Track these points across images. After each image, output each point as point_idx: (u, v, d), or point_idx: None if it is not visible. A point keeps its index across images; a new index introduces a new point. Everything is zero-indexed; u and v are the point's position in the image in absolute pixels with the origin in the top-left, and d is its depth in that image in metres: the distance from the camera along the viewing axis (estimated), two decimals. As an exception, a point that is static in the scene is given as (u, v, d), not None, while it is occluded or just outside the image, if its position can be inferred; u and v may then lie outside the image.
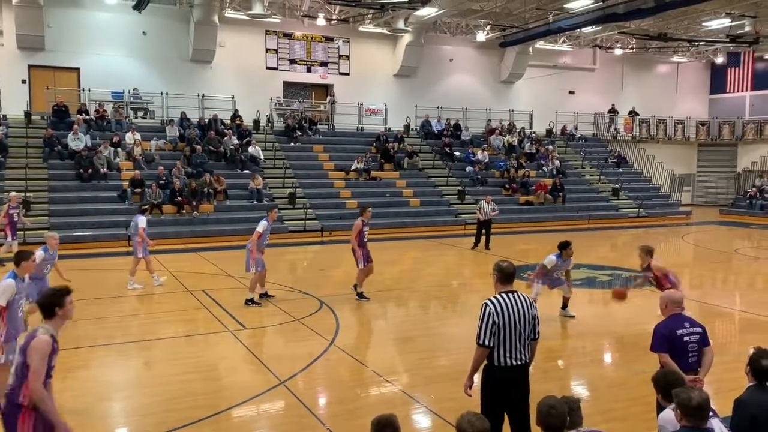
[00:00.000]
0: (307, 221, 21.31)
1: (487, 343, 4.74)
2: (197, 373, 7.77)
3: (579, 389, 7.50)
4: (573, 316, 10.48)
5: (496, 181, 26.71)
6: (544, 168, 28.10)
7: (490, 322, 4.73)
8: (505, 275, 4.92)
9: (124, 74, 24.54)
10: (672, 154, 34.27)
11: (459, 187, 25.28)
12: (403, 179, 25.21)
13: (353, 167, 24.55)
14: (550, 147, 29.52)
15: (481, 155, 27.38)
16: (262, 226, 11.15)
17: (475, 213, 19.12)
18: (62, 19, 23.82)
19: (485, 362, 4.86)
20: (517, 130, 30.30)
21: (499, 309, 4.75)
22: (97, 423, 6.36)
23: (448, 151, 27.44)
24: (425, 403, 6.82)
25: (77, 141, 21.24)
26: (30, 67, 23.82)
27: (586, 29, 28.56)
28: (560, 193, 26.24)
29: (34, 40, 23.28)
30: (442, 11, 25.87)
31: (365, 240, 11.65)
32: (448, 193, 25.15)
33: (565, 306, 10.70)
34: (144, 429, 6.20)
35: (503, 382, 4.82)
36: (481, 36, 29.15)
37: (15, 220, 15.24)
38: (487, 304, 4.79)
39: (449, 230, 22.46)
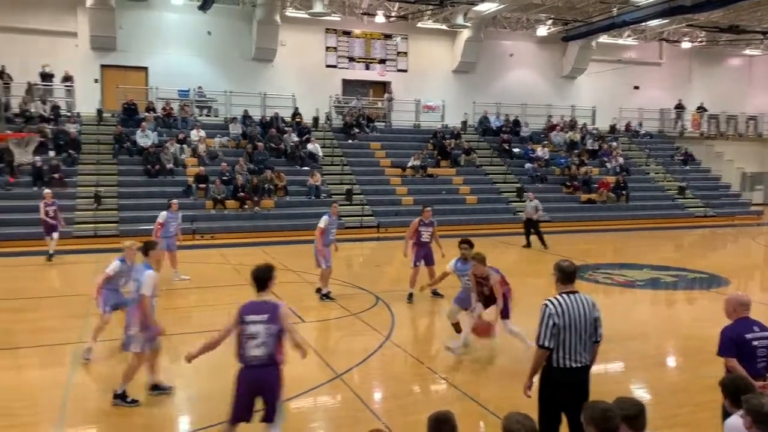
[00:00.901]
0: (363, 217, 21.48)
1: (547, 344, 4.68)
2: (257, 365, 7.95)
3: (641, 393, 7.30)
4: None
5: (557, 179, 26.20)
6: (606, 165, 27.41)
7: (551, 323, 4.66)
8: (566, 275, 4.83)
9: (189, 73, 25.33)
10: (743, 151, 32.74)
11: (517, 185, 24.93)
12: (459, 176, 25.07)
13: (410, 164, 24.57)
14: (614, 144, 28.77)
15: (541, 152, 26.93)
16: (323, 221, 11.28)
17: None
18: (133, 20, 24.76)
19: (544, 363, 4.79)
20: (579, 127, 29.66)
21: (559, 310, 4.68)
22: (164, 409, 6.62)
23: (507, 147, 27.10)
24: (481, 401, 6.79)
25: (145, 138, 22.07)
26: (102, 66, 24.89)
27: (652, 22, 27.63)
28: (623, 192, 25.54)
29: (107, 41, 24.30)
30: (503, 6, 25.55)
31: (423, 240, 11.43)
32: (507, 191, 24.85)
33: (458, 331, 8.72)
34: (205, 416, 6.38)
35: (562, 384, 4.73)
36: (542, 30, 28.66)
37: (51, 216, 15.12)
38: (547, 305, 4.72)
39: (507, 228, 22.16)
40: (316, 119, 26.15)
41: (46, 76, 23.16)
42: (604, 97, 30.94)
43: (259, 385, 5.05)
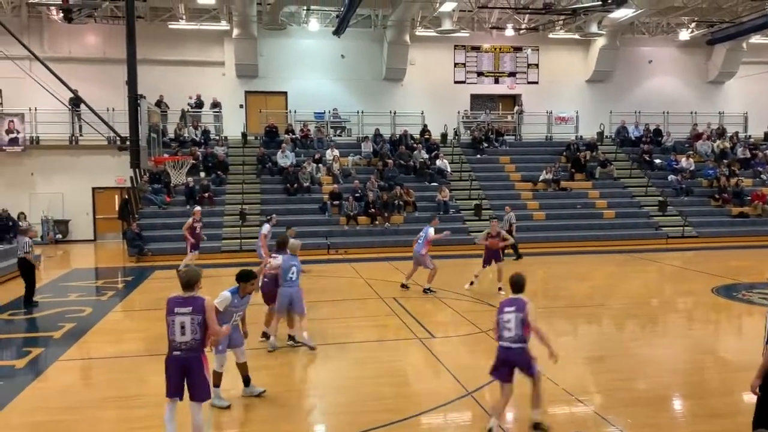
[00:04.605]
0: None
1: None
2: (387, 378, 8.10)
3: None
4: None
5: (704, 191, 24.41)
6: (762, 176, 25.15)
7: None
8: None
9: (324, 95, 26.55)
10: None
11: (660, 198, 23.50)
12: (595, 189, 24.08)
13: (541, 178, 23.99)
14: (769, 152, 26.36)
15: (685, 163, 25.25)
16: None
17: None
18: (272, 48, 26.41)
19: None
20: (729, 135, 27.48)
21: None
22: (296, 417, 6.92)
23: (647, 158, 25.69)
24: (620, 427, 6.46)
25: (285, 158, 23.38)
26: (246, 93, 26.74)
27: (815, 17, 25.05)
28: (782, 204, 23.29)
29: (250, 69, 26.11)
30: (640, 11, 24.39)
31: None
32: (648, 204, 23.51)
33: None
34: (338, 427, 6.60)
35: None
36: (684, 34, 27.03)
37: (197, 233, 16.19)
38: None
39: (649, 244, 20.97)
40: (444, 135, 26.33)
41: (195, 105, 25.26)
42: (758, 102, 28.52)
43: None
